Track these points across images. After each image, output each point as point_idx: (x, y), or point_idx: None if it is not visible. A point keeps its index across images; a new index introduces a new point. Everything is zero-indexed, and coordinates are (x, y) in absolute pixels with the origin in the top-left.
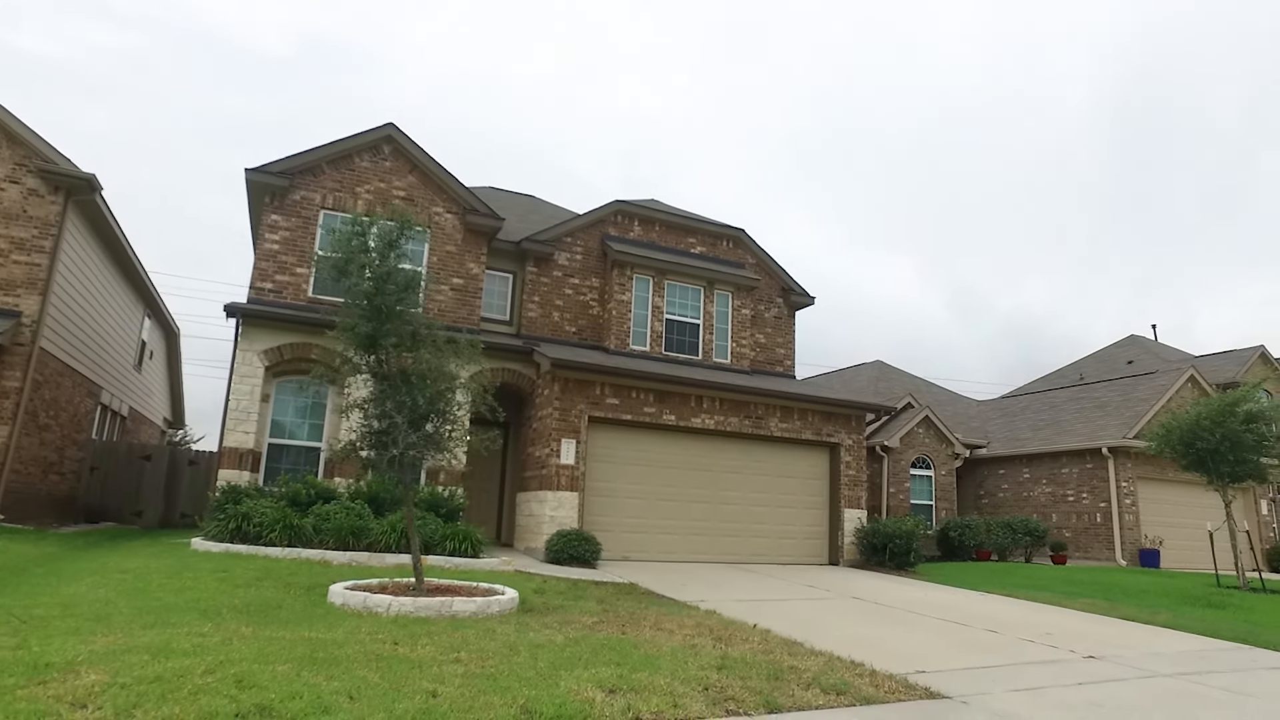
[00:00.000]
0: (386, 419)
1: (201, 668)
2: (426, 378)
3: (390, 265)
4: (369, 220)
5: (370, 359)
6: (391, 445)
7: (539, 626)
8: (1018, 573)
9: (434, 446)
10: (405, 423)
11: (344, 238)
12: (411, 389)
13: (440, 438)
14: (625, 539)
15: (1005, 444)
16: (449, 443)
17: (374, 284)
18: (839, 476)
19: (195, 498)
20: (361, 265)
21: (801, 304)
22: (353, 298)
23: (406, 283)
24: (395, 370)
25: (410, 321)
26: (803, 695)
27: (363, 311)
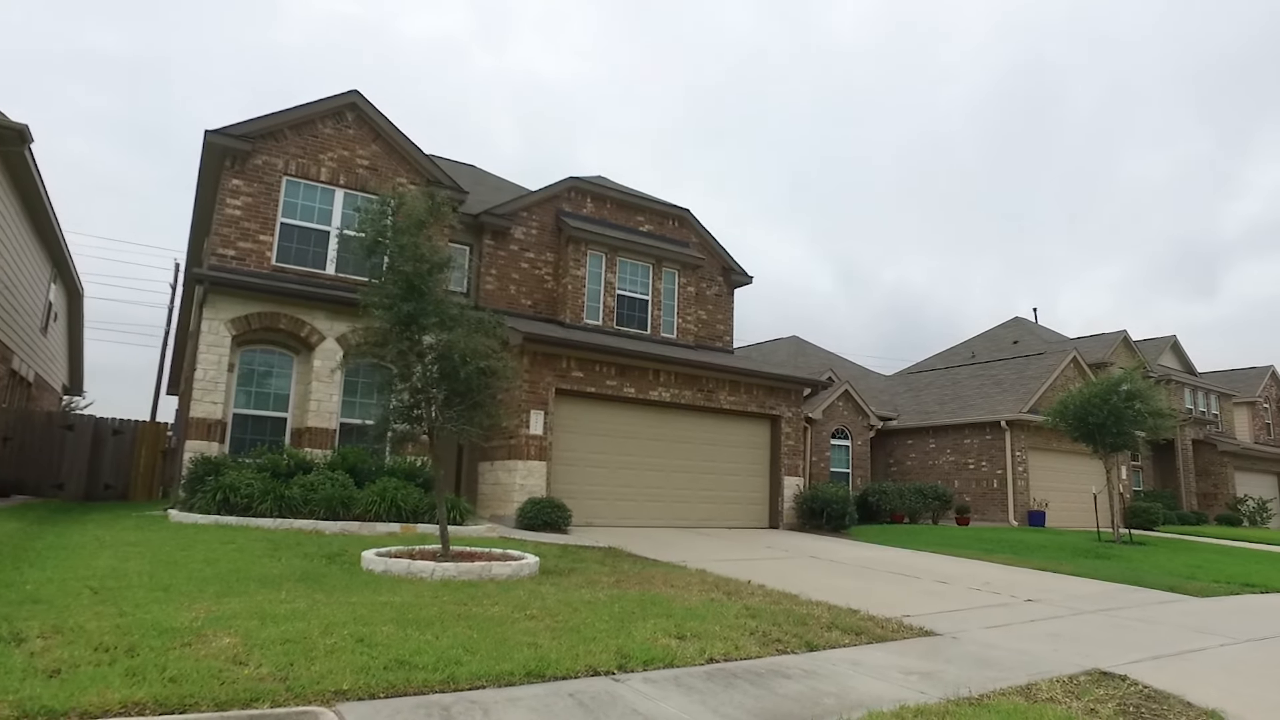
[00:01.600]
0: (423, 394)
1: (316, 630)
2: (467, 355)
3: (426, 246)
4: (396, 200)
5: (406, 337)
6: (428, 419)
7: (572, 587)
8: (933, 533)
9: (473, 421)
10: (443, 397)
11: (372, 216)
12: (454, 366)
13: (482, 412)
14: (588, 505)
15: (914, 416)
16: (487, 417)
17: (414, 264)
18: (780, 446)
19: (119, 469)
20: (400, 246)
21: (740, 283)
22: (392, 277)
23: (441, 262)
24: (431, 348)
25: (446, 301)
26: (831, 636)
27: (400, 290)
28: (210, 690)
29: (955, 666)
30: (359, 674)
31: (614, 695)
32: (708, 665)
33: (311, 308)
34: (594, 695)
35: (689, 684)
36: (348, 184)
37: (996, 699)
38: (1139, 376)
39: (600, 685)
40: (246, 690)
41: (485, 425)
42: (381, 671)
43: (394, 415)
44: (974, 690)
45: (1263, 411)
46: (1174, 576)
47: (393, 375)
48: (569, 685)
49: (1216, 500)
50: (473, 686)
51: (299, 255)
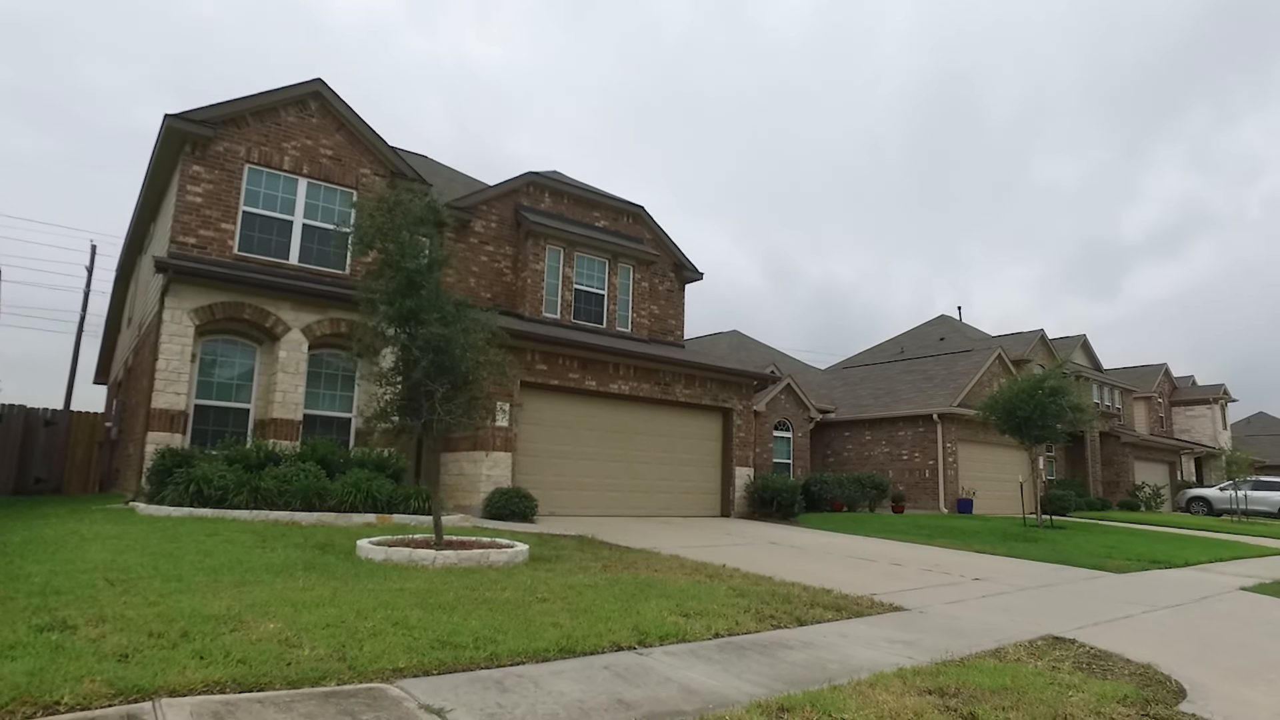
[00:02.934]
0: (420, 387)
1: (351, 615)
2: (467, 350)
3: (425, 245)
4: (394, 199)
5: (404, 332)
6: (425, 412)
7: (567, 572)
8: (874, 521)
9: (471, 415)
10: (441, 392)
11: (373, 214)
12: (454, 360)
13: (474, 406)
14: (552, 495)
15: (851, 409)
16: (479, 412)
17: (418, 261)
18: (731, 438)
19: (52, 461)
20: (401, 244)
21: (691, 279)
22: (392, 274)
23: (441, 259)
24: (428, 342)
25: (445, 297)
26: (815, 612)
27: (401, 287)
28: (279, 670)
29: (931, 636)
30: (409, 653)
31: (644, 666)
32: (716, 639)
33: (276, 298)
34: (626, 667)
35: (706, 655)
36: (311, 174)
37: (975, 661)
38: (1061, 374)
39: (628, 659)
40: (312, 669)
41: (481, 418)
42: (429, 650)
43: (393, 409)
44: (953, 654)
45: (1157, 406)
46: (1094, 557)
47: (386, 370)
48: (600, 659)
49: (1118, 488)
50: (514, 662)
51: (262, 245)
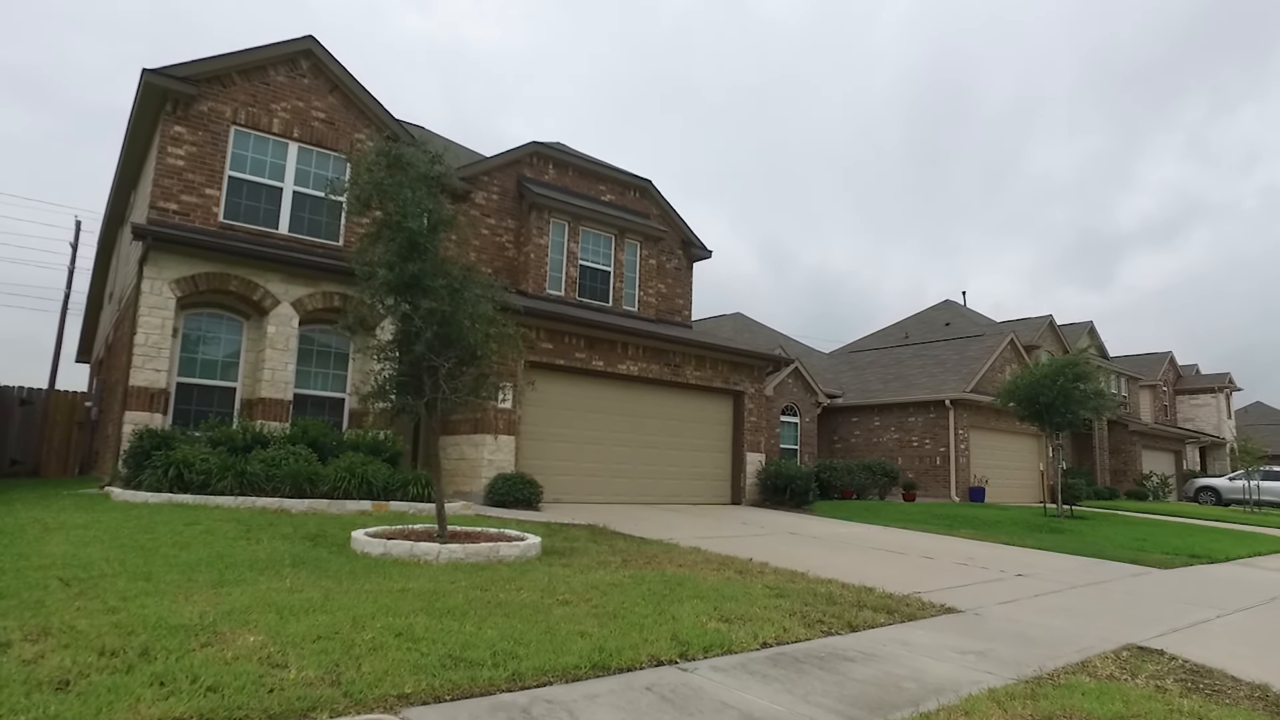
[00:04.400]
0: (423, 362)
1: (346, 624)
2: (475, 321)
3: (431, 201)
4: (395, 152)
5: (405, 301)
6: (428, 389)
7: (585, 568)
8: (888, 509)
9: (479, 392)
10: (446, 368)
11: (371, 167)
12: (461, 332)
13: (483, 384)
14: (556, 481)
15: (859, 394)
16: (488, 389)
17: (419, 222)
18: (742, 422)
19: (28, 443)
20: (402, 201)
21: (699, 257)
22: (392, 235)
23: (447, 219)
24: (432, 313)
25: (450, 262)
26: (864, 615)
27: (403, 250)
28: (258, 700)
29: (1002, 645)
30: (416, 674)
31: (693, 687)
32: (765, 650)
33: (265, 269)
34: (672, 688)
35: (759, 671)
36: (302, 138)
37: (1066, 678)
38: (1085, 359)
39: (671, 676)
40: (300, 698)
41: (490, 396)
42: (439, 670)
43: (391, 386)
44: (1038, 669)
45: (1162, 394)
46: (1128, 550)
47: (384, 344)
48: (639, 677)
49: (1125, 476)
50: (540, 683)
51: (249, 213)
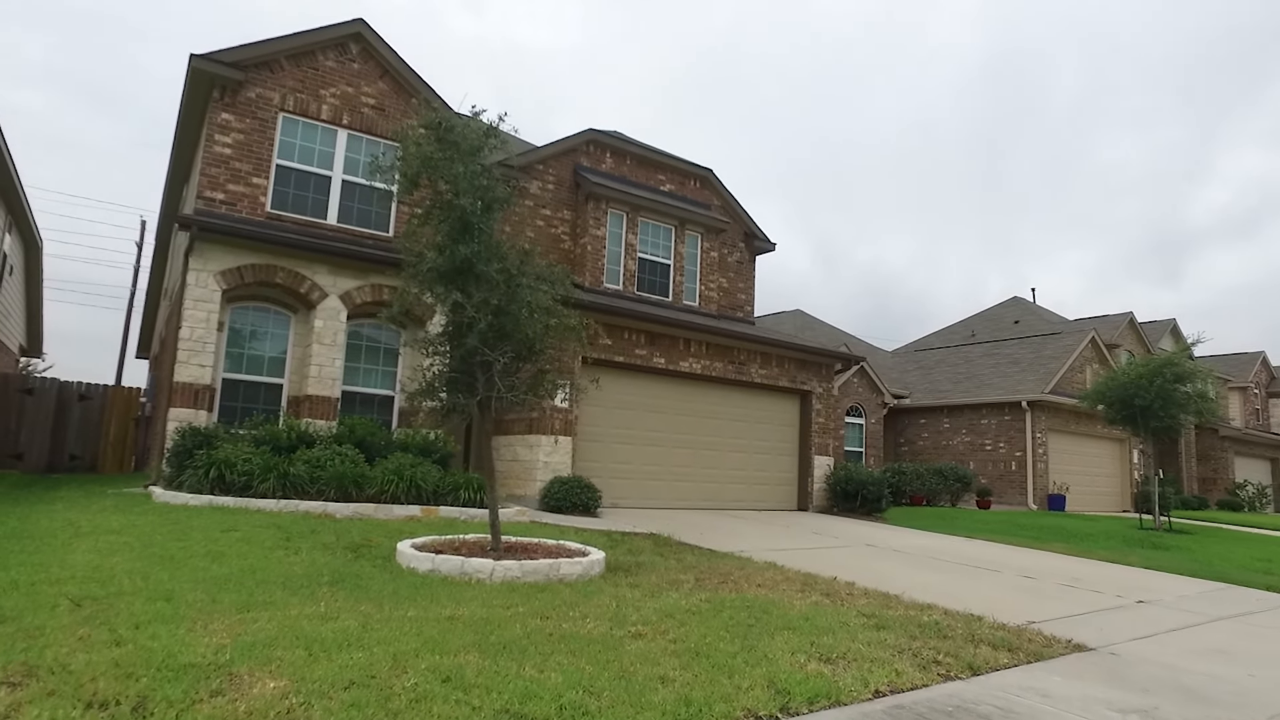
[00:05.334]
0: (476, 356)
1: (384, 664)
2: (534, 310)
3: (486, 176)
4: (443, 122)
5: (457, 288)
6: (481, 387)
7: (656, 589)
8: (964, 517)
9: (538, 391)
10: (502, 363)
11: (420, 142)
12: (518, 322)
13: (542, 380)
14: (613, 485)
15: (927, 395)
16: (547, 387)
17: (473, 199)
18: (810, 424)
19: (87, 438)
20: (454, 176)
21: (763, 249)
22: (444, 216)
23: (504, 197)
24: (486, 300)
25: (506, 245)
26: (981, 653)
27: (455, 231)
28: None
29: (1165, 701)
30: None
31: None
32: (879, 700)
33: (312, 261)
34: None
35: None
36: (352, 125)
37: None
38: (1187, 357)
39: None
40: None
41: (549, 394)
42: None
43: (441, 383)
44: None
45: (1253, 397)
46: (1254, 572)
47: (434, 337)
48: None
49: (1216, 485)
50: None
51: (297, 202)
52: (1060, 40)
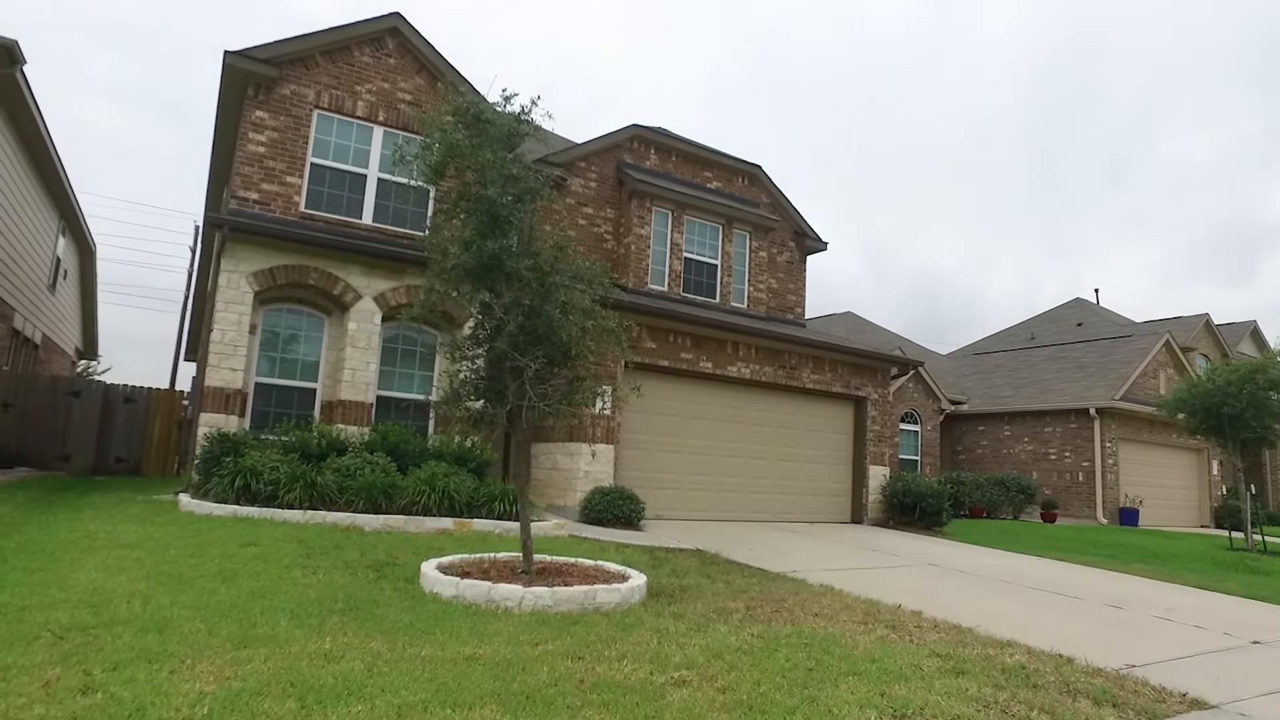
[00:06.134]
0: (506, 361)
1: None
2: (569, 311)
3: (516, 165)
4: (475, 109)
5: (485, 287)
6: (511, 395)
7: (701, 620)
8: (1030, 532)
9: (573, 399)
10: (534, 369)
11: (445, 128)
12: (551, 325)
13: (577, 389)
14: (657, 495)
15: (986, 400)
16: (583, 395)
17: (501, 189)
18: (864, 432)
19: (131, 440)
20: (482, 164)
21: (814, 249)
22: (469, 206)
23: (536, 188)
24: (517, 300)
25: (542, 240)
26: (1085, 710)
27: (483, 224)
28: None
29: None
30: None
31: None
32: None
33: (346, 261)
34: None
35: None
36: (388, 121)
37: None
38: (1278, 364)
39: None
40: None
41: (586, 403)
42: None
43: (468, 391)
44: None
45: None
46: None
47: (461, 340)
48: None
49: None
50: None
51: (332, 201)
52: (1119, 28)
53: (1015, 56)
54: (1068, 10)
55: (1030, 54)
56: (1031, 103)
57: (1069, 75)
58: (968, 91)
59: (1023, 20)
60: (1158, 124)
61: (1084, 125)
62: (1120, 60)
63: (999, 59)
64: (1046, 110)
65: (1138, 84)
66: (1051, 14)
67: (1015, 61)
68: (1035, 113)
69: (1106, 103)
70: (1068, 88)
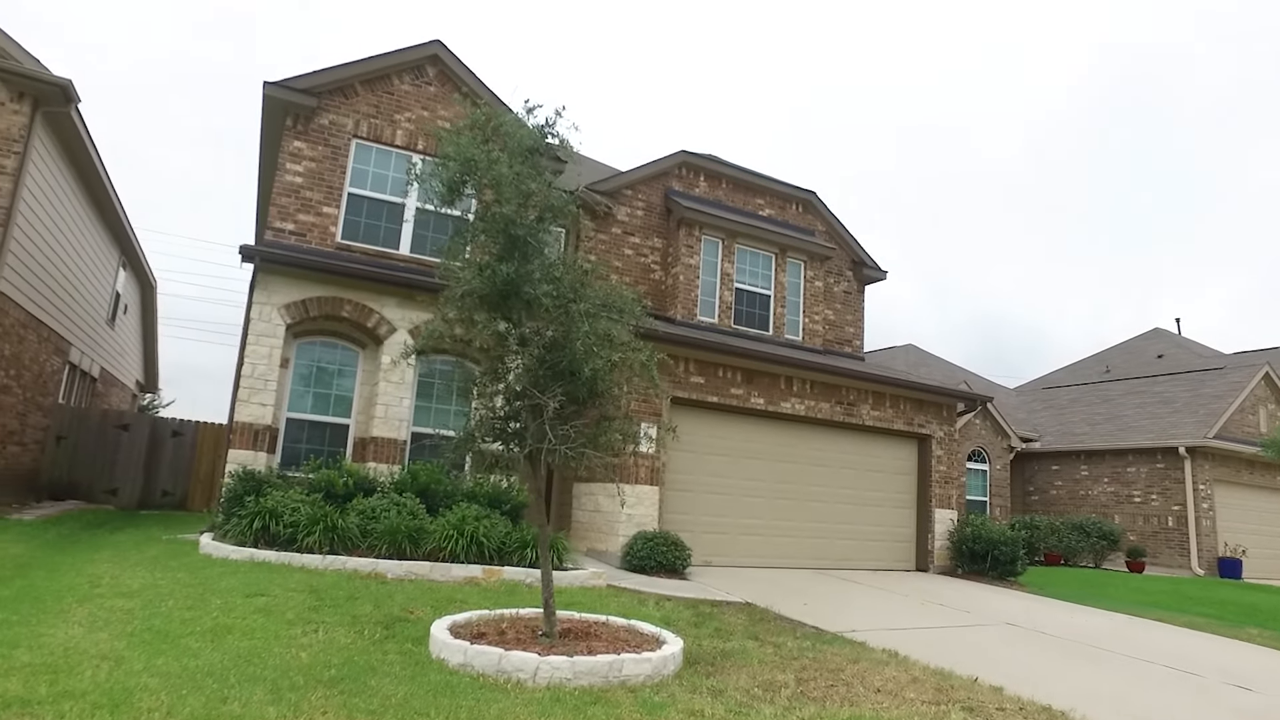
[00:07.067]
0: (525, 398)
1: None
2: (594, 343)
3: (536, 180)
4: (494, 122)
5: (502, 318)
6: (531, 436)
7: (745, 700)
8: (1116, 584)
9: (599, 442)
10: (554, 406)
11: (461, 144)
12: (574, 357)
13: (605, 429)
14: (705, 540)
15: (1059, 438)
16: (611, 437)
17: (518, 205)
18: (929, 472)
19: (178, 474)
20: (498, 178)
21: (872, 278)
22: (484, 226)
23: (558, 207)
24: (539, 332)
25: (565, 264)
26: None
27: (498, 246)
28: None
29: None
30: None
31: None
32: None
33: (380, 293)
34: None
35: None
36: (427, 150)
37: None
38: None
39: None
40: None
41: (616, 446)
42: None
43: (481, 430)
44: None
45: None
46: None
47: (478, 375)
48: None
49: None
50: None
51: (369, 232)
52: (1192, 43)
53: (1077, 81)
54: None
55: (1093, 79)
56: (1095, 128)
57: (1138, 95)
58: (1028, 114)
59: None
60: (1239, 147)
61: (1155, 146)
62: (1190, 75)
63: (1058, 84)
64: (1113, 133)
65: (1216, 103)
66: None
67: (1077, 87)
68: (1101, 137)
69: (1180, 123)
70: (1136, 108)
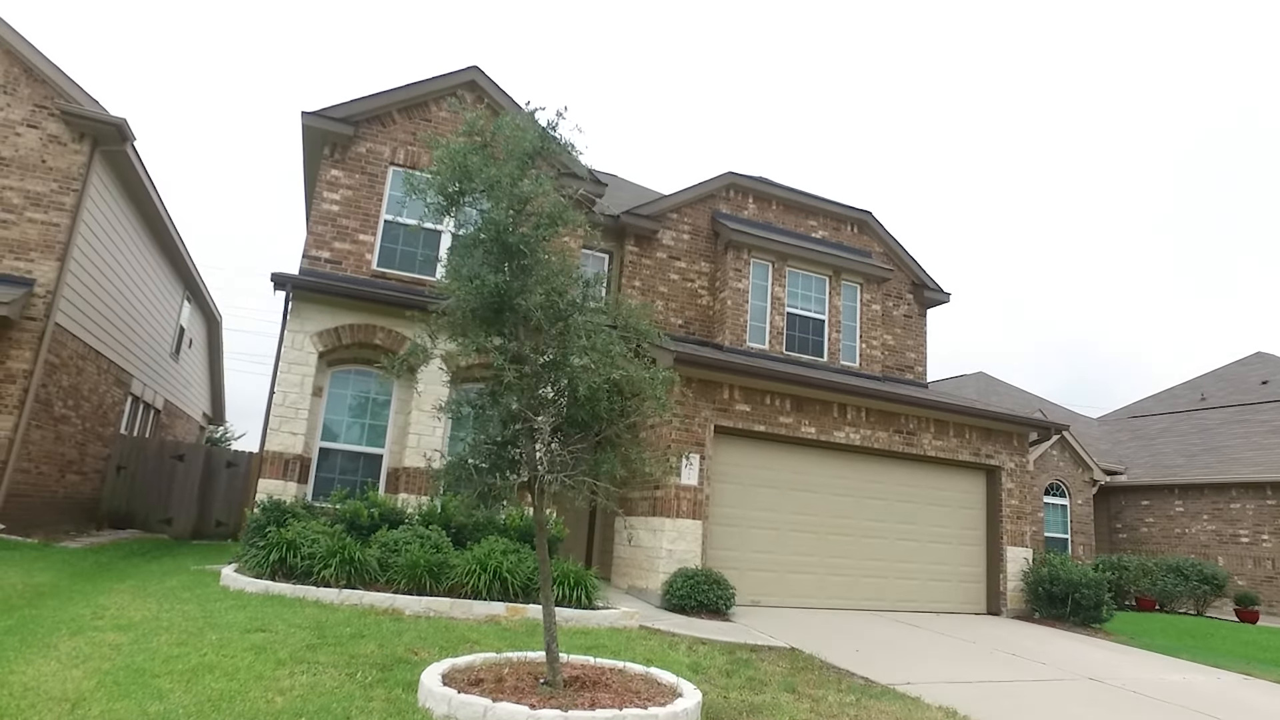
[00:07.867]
0: (516, 423)
1: None
2: (595, 362)
3: (530, 183)
4: (494, 126)
5: (495, 333)
6: (525, 464)
7: None
8: (1222, 634)
9: (601, 470)
10: (549, 431)
11: (453, 152)
12: (571, 377)
13: (615, 455)
14: (751, 579)
15: (1149, 470)
16: (625, 465)
17: (511, 212)
18: (999, 506)
19: (232, 504)
20: (490, 182)
21: (934, 301)
22: (476, 234)
23: (555, 214)
24: (537, 349)
25: (560, 275)
26: None
27: (490, 255)
28: None
29: None
30: None
31: None
32: None
33: (413, 320)
34: None
35: None
36: None
37: None
38: None
39: None
40: None
41: (620, 477)
42: None
43: (475, 455)
44: None
45: None
46: None
47: (470, 398)
48: None
49: None
50: None
51: (405, 259)
52: None
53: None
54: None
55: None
56: (1195, 149)
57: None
58: (1111, 123)
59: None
60: None
61: (1254, 158)
62: None
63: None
64: (1206, 143)
65: None
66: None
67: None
68: (1193, 147)
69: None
70: (1230, 116)
